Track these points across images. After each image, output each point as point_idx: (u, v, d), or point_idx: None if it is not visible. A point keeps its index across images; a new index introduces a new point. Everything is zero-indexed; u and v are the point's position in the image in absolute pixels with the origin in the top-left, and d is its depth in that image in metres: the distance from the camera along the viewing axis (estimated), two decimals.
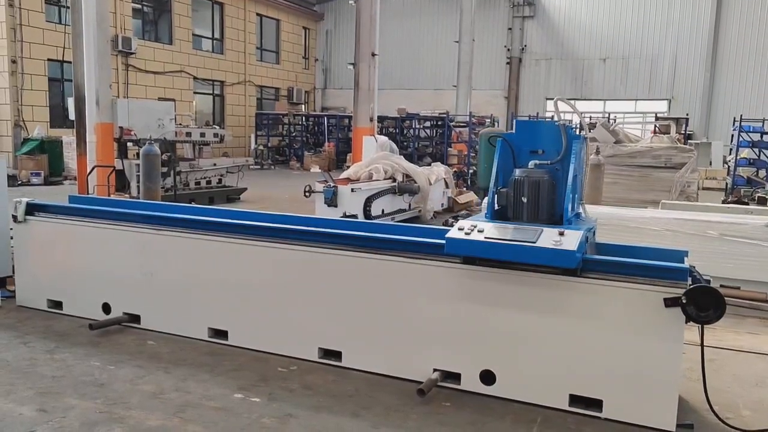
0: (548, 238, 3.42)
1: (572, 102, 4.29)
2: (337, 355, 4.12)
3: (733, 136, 16.08)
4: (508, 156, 3.97)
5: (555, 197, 3.78)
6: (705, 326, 3.31)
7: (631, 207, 7.81)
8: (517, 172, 3.82)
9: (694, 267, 3.48)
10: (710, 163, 20.54)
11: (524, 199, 3.75)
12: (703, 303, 3.17)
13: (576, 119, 4.21)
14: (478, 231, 3.58)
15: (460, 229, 3.64)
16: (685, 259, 3.77)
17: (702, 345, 3.36)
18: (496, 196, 3.88)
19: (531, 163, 3.83)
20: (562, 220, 3.72)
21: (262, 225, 4.47)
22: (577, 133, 4.01)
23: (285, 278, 4.26)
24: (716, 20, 24.62)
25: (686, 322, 3.27)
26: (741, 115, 15.75)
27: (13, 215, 5.18)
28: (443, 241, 3.66)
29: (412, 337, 3.90)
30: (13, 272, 5.45)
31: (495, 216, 3.87)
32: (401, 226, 5.03)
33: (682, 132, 20.74)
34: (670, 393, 3.33)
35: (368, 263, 3.99)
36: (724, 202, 13.51)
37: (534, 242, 3.42)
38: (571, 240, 3.39)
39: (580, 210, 4.11)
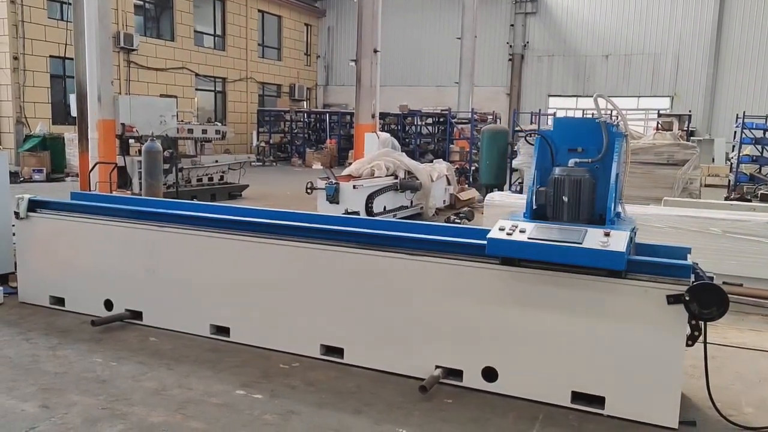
0: (594, 239, 3.34)
1: (612, 99, 4.18)
2: (339, 351, 4.12)
3: (735, 132, 16.02)
4: (546, 154, 3.89)
5: (595, 196, 3.70)
6: (707, 323, 3.30)
7: (633, 204, 7.79)
8: (557, 170, 3.74)
9: (697, 264, 3.47)
10: (713, 160, 20.49)
11: (565, 198, 3.67)
12: (706, 300, 3.17)
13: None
14: (520, 231, 3.50)
15: (501, 229, 3.55)
16: (688, 256, 3.75)
17: (705, 342, 3.36)
18: (534, 195, 3.79)
19: (571, 162, 3.75)
20: (601, 219, 3.65)
21: (264, 222, 4.46)
22: (618, 130, 3.90)
23: (286, 275, 4.26)
24: (719, 17, 24.53)
25: (689, 320, 3.26)
26: (744, 112, 15.70)
27: (15, 212, 5.18)
28: (444, 239, 3.64)
29: (414, 334, 3.90)
30: (16, 269, 5.45)
31: (533, 215, 3.79)
32: (402, 223, 5.02)
33: (685, 129, 20.66)
34: (672, 390, 3.33)
35: (370, 260, 3.99)
36: (726, 199, 13.48)
37: (581, 243, 3.34)
38: (618, 241, 3.31)
39: (620, 209, 4.02)
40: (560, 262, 3.44)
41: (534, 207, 3.81)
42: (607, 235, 3.35)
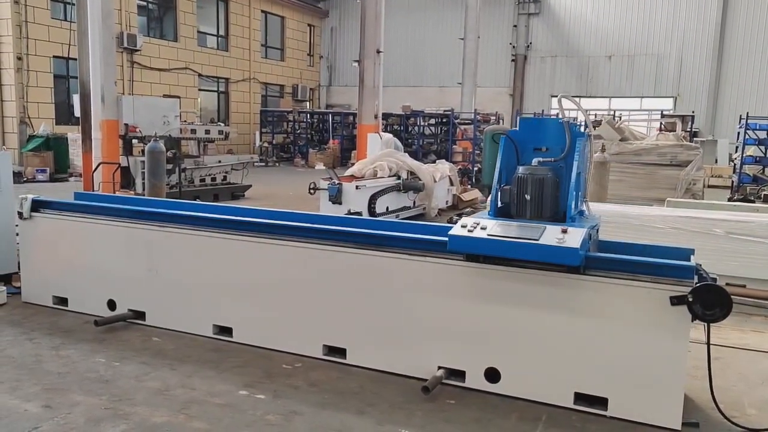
0: (551, 235, 3.42)
1: (576, 99, 4.24)
2: (341, 352, 4.13)
3: (739, 133, 15.97)
4: (511, 153, 3.96)
5: (559, 195, 3.76)
6: (711, 324, 3.30)
7: (636, 205, 7.78)
8: (521, 169, 3.81)
9: (700, 265, 3.46)
10: (716, 161, 20.44)
11: (527, 197, 3.74)
12: (709, 301, 3.16)
13: (581, 116, 4.18)
14: (481, 228, 3.58)
15: (463, 226, 3.64)
16: (692, 257, 3.75)
17: (708, 343, 3.35)
18: (499, 193, 3.87)
19: (535, 161, 3.82)
20: (565, 217, 3.71)
21: (266, 222, 4.47)
22: (582, 130, 3.99)
23: (289, 275, 4.26)
24: (722, 17, 24.47)
25: (692, 321, 3.26)
26: (747, 113, 15.66)
27: (18, 212, 5.19)
28: (446, 239, 3.65)
29: (416, 335, 3.90)
30: (19, 269, 5.46)
31: (498, 213, 3.86)
32: (403, 223, 5.03)
33: (688, 129, 20.62)
34: (675, 391, 3.33)
35: (371, 260, 3.99)
36: (730, 200, 13.44)
37: (537, 240, 3.41)
38: (574, 237, 3.38)
39: (584, 207, 4.10)
40: (517, 258, 3.52)
41: (499, 205, 3.88)
42: (564, 231, 3.41)
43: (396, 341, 3.96)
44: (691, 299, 3.19)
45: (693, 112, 22.74)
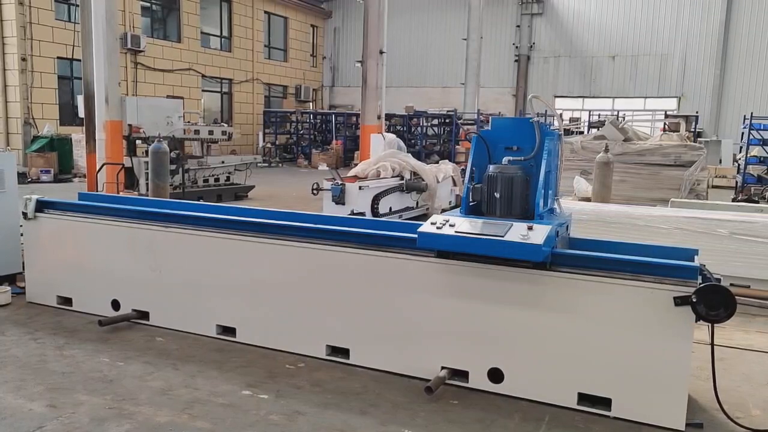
0: (516, 232, 3.48)
1: (548, 100, 4.30)
2: (344, 352, 4.13)
3: (743, 134, 15.93)
4: (483, 153, 4.03)
5: (528, 193, 3.83)
6: (715, 325, 3.29)
7: (640, 205, 7.77)
8: (491, 168, 3.88)
9: (704, 266, 3.45)
10: (720, 161, 20.38)
11: (497, 195, 3.81)
12: (713, 302, 3.15)
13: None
14: (450, 225, 3.65)
15: (433, 223, 3.72)
16: (696, 257, 3.74)
17: (712, 344, 3.34)
18: (470, 191, 3.93)
19: (505, 160, 3.90)
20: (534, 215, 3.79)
21: (269, 222, 4.47)
22: (553, 129, 4.07)
23: (292, 275, 4.27)
24: (727, 17, 24.42)
25: (696, 321, 3.25)
26: (751, 113, 15.62)
27: (23, 212, 5.21)
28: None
29: (419, 335, 3.90)
30: (23, 269, 5.48)
31: (469, 211, 3.93)
32: (406, 224, 5.03)
33: (692, 130, 20.59)
34: (679, 392, 3.32)
35: (373, 260, 3.99)
36: (734, 200, 13.41)
37: (502, 236, 3.48)
38: (538, 234, 3.44)
39: (555, 205, 4.17)
40: (482, 254, 3.58)
41: (471, 203, 3.94)
42: (530, 228, 3.48)
43: (399, 341, 3.96)
44: (695, 300, 3.18)
45: (697, 112, 22.69)
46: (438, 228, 3.66)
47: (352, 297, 4.08)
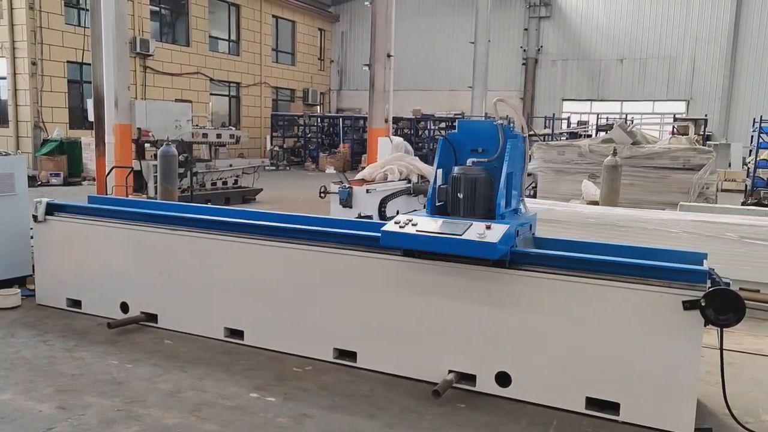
0: (474, 231, 3.57)
1: (514, 104, 4.40)
2: (352, 355, 4.13)
3: (752, 137, 15.83)
4: (450, 155, 4.13)
5: (492, 193, 3.90)
6: (724, 329, 3.27)
7: (648, 209, 7.74)
8: (456, 169, 3.98)
9: (713, 269, 3.43)
10: (729, 165, 20.26)
11: (460, 195, 3.90)
12: (723, 306, 3.14)
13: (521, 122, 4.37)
14: (412, 225, 3.74)
15: (396, 222, 3.81)
16: (704, 261, 3.72)
17: (721, 348, 3.32)
18: (436, 192, 4.02)
19: (469, 161, 3.99)
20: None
21: (276, 225, 4.50)
22: (517, 132, 4.17)
23: (300, 278, 4.28)
24: (736, 20, 24.30)
25: (705, 326, 3.23)
26: (761, 116, 15.52)
27: (33, 215, 5.25)
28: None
29: (427, 338, 3.89)
30: (33, 271, 5.52)
31: (436, 211, 4.01)
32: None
33: (701, 133, 20.47)
34: (688, 396, 3.30)
35: (377, 262, 4.00)
36: (743, 204, 13.32)
37: (461, 235, 3.57)
38: (495, 233, 3.52)
39: (521, 206, 4.25)
40: (440, 251, 3.70)
41: (437, 204, 4.03)
42: (488, 228, 3.58)
43: (407, 345, 3.95)
44: (703, 304, 3.17)
45: (706, 115, 22.56)
46: (401, 227, 3.76)
47: (360, 300, 4.08)
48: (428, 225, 3.74)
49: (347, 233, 4.25)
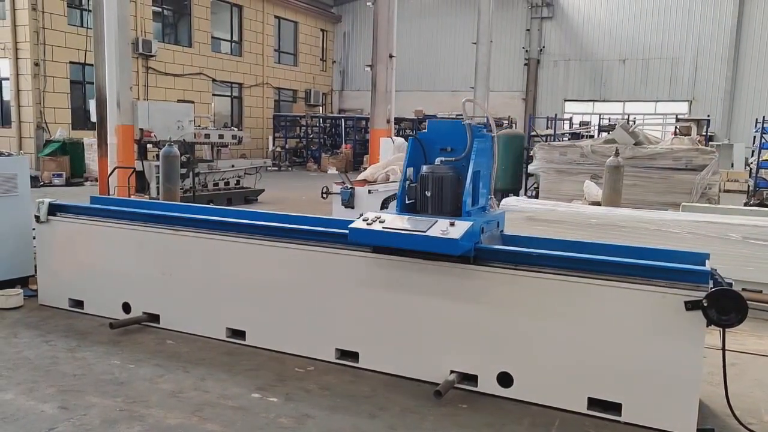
0: (438, 228, 3.64)
1: (481, 103, 4.43)
2: (354, 356, 4.13)
3: (755, 137, 15.80)
4: (420, 154, 4.20)
5: (460, 191, 3.95)
6: (726, 330, 3.27)
7: (651, 209, 7.73)
8: (424, 168, 4.05)
9: (715, 270, 3.43)
10: (732, 165, 20.23)
11: (428, 194, 3.98)
12: (725, 306, 3.13)
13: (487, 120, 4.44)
14: (380, 222, 3.82)
15: (364, 219, 3.88)
16: (707, 262, 3.72)
17: (723, 349, 3.32)
18: (406, 190, 4.10)
19: (437, 160, 4.06)
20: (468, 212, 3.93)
21: (277, 226, 4.50)
22: (486, 132, 4.24)
23: (302, 279, 4.28)
24: (738, 20, 24.26)
25: (708, 326, 3.23)
26: (764, 116, 15.49)
27: (35, 215, 5.26)
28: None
29: (429, 339, 3.89)
30: (36, 272, 5.53)
31: (405, 209, 4.08)
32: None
33: (704, 134, 20.43)
34: (690, 397, 3.30)
35: (382, 263, 3.99)
36: (746, 204, 13.30)
37: (424, 232, 3.64)
38: (458, 230, 3.60)
39: (490, 204, 4.33)
40: (404, 247, 3.79)
41: (408, 202, 4.14)
42: (451, 224, 3.65)
43: (409, 345, 3.95)
44: (706, 304, 3.16)
45: (708, 115, 22.51)
46: (368, 224, 3.84)
47: (362, 301, 4.09)
48: (395, 222, 3.84)
49: (345, 233, 4.24)
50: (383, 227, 3.78)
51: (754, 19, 24.19)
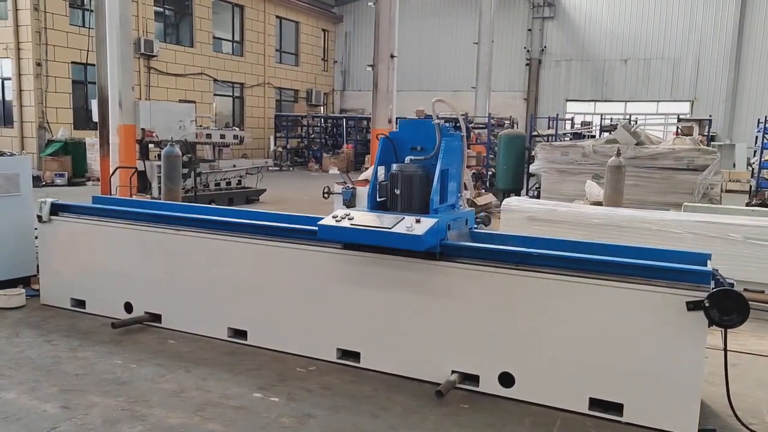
0: (404, 225, 3.71)
1: (453, 104, 4.45)
2: (355, 355, 4.14)
3: (757, 137, 15.79)
4: (390, 152, 4.28)
5: (429, 189, 4.01)
6: (728, 330, 3.26)
7: (652, 209, 7.72)
8: (394, 166, 4.13)
9: (717, 270, 3.43)
10: (734, 165, 20.21)
11: (397, 192, 4.08)
12: (727, 306, 3.13)
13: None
14: (349, 219, 3.88)
15: (334, 217, 3.95)
16: (708, 262, 3.71)
17: (725, 349, 3.32)
18: (376, 188, 4.17)
19: (407, 159, 4.14)
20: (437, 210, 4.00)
21: (278, 225, 4.51)
22: (456, 131, 4.31)
23: (304, 279, 4.29)
24: (740, 20, 24.22)
25: (709, 326, 3.23)
26: (766, 116, 15.47)
27: (37, 215, 5.27)
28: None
29: (430, 339, 3.90)
30: (38, 271, 5.54)
31: (376, 207, 4.16)
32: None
33: (705, 134, 20.40)
34: (692, 397, 3.29)
35: (379, 262, 4.00)
36: (747, 204, 13.28)
37: (390, 228, 3.70)
38: (423, 226, 3.68)
39: (460, 202, 4.39)
40: (371, 244, 3.87)
41: (379, 199, 4.23)
42: (417, 221, 3.73)
43: (410, 345, 3.96)
44: (707, 304, 3.16)
45: (710, 115, 22.46)
46: (338, 221, 3.91)
47: (363, 301, 4.09)
48: (363, 219, 3.90)
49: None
50: (351, 224, 3.86)
51: (756, 20, 24.16)
